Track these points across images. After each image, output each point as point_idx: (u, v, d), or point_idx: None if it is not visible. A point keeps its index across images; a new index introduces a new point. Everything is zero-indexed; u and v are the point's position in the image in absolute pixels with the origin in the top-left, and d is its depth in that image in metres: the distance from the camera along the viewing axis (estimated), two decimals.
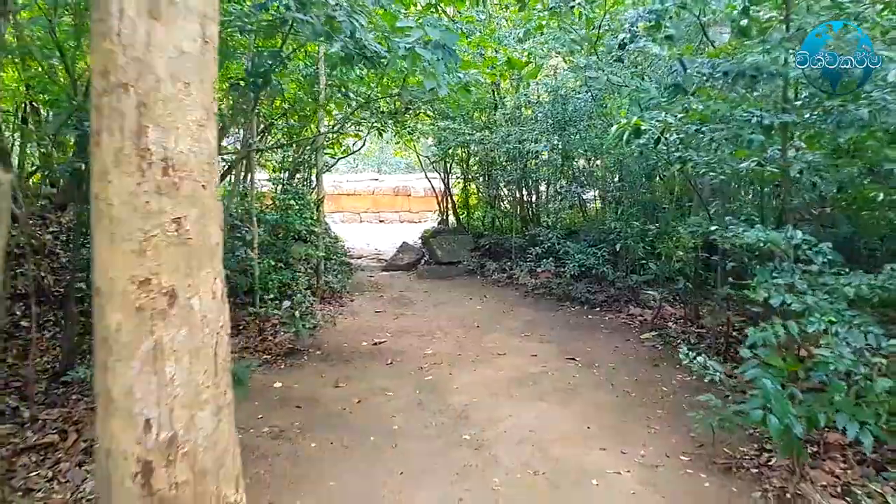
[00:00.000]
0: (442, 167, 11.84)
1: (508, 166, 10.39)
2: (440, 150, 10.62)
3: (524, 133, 9.24)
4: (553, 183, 10.31)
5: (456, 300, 8.65)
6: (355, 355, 6.08)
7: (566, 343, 6.46)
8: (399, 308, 8.21)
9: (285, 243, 7.93)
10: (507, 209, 10.90)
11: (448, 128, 9.29)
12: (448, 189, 12.05)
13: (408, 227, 17.59)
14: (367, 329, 7.10)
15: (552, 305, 8.18)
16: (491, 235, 10.66)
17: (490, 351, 6.19)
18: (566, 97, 8.65)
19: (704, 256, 6.37)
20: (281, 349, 6.17)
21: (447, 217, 12.46)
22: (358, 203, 19.59)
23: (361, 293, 9.09)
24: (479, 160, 11.26)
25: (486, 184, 11.20)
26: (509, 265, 9.82)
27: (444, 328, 7.13)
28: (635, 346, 6.30)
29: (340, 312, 7.88)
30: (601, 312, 7.75)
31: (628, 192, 7.94)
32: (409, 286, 9.69)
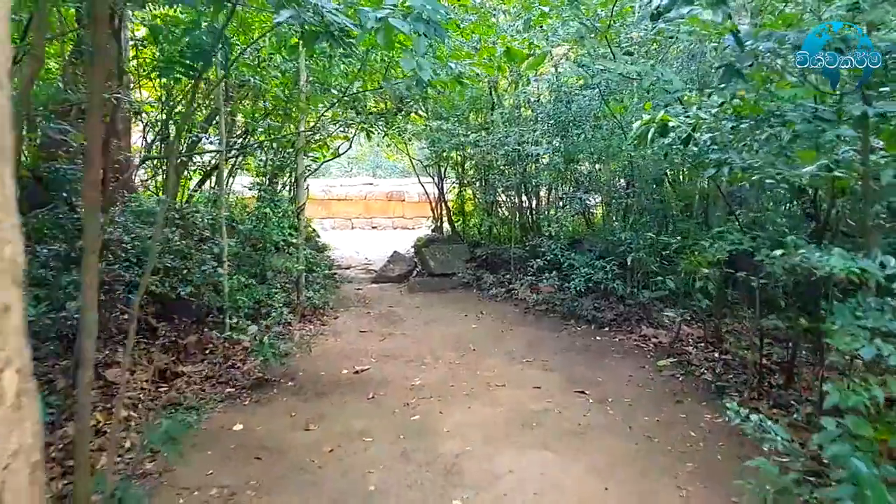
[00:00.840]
0: (436, 171, 11.08)
1: (507, 170, 9.65)
2: (433, 153, 9.87)
3: (523, 135, 8.51)
4: (555, 188, 9.57)
5: (449, 317, 7.89)
6: (333, 387, 5.31)
7: (573, 371, 5.70)
8: (386, 327, 7.45)
9: (262, 256, 7.17)
10: (505, 216, 10.15)
11: (441, 128, 8.54)
12: (442, 195, 11.30)
13: (401, 234, 16.82)
14: (349, 353, 6.33)
15: (556, 324, 7.42)
16: (488, 245, 9.90)
17: (486, 381, 5.42)
18: (570, 95, 7.91)
19: (728, 273, 5.62)
20: (248, 379, 5.40)
21: (441, 224, 11.71)
22: (350, 209, 18.80)
23: (347, 309, 8.32)
24: (476, 164, 10.52)
25: (483, 189, 10.46)
26: (508, 278, 9.07)
27: (435, 351, 6.37)
28: (652, 376, 5.54)
29: (322, 332, 7.11)
30: (610, 333, 6.99)
31: (638, 199, 7.19)
32: (399, 300, 8.92)
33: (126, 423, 4.46)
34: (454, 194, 11.66)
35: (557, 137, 8.39)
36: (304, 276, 7.73)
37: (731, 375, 5.30)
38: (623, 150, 7.20)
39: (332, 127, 10.72)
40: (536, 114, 9.10)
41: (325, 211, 18.25)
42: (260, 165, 9.50)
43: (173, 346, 6.18)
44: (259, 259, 7.09)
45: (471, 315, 7.97)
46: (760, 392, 4.80)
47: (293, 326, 7.19)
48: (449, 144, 8.64)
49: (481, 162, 9.82)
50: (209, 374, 5.54)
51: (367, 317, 7.94)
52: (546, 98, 8.93)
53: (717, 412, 4.61)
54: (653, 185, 7.39)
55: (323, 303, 7.76)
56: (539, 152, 8.04)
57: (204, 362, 5.92)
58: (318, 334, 7.02)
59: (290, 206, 7.36)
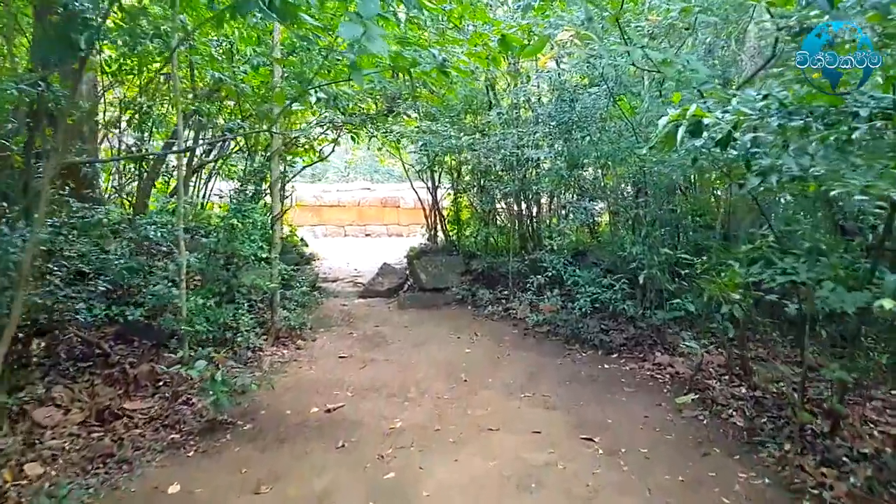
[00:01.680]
0: (429, 177, 10.31)
1: (504, 176, 8.89)
2: (424, 156, 9.09)
3: (522, 137, 7.75)
4: (557, 196, 8.81)
5: (441, 339, 7.11)
6: (298, 430, 4.53)
7: (579, 409, 4.92)
8: (370, 350, 6.67)
9: (233, 272, 6.41)
10: (503, 226, 9.36)
11: (430, 129, 7.77)
12: (436, 202, 10.53)
13: (395, 242, 16.06)
14: (323, 384, 5.56)
15: (558, 349, 6.63)
16: (484, 257, 9.12)
17: (478, 423, 4.64)
18: (574, 94, 7.15)
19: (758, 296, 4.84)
20: (199, 422, 4.63)
21: (435, 233, 10.93)
22: (343, 215, 18.02)
23: (329, 329, 7.55)
24: (472, 169, 9.75)
25: (480, 196, 9.69)
26: (506, 294, 8.29)
27: (421, 382, 5.59)
28: (671, 416, 4.75)
29: (296, 358, 6.34)
30: (620, 360, 6.21)
31: (652, 209, 6.41)
32: (386, 318, 8.14)
33: (38, 482, 3.69)
34: (450, 201, 10.91)
35: (560, 140, 7.63)
36: (279, 294, 6.96)
37: (766, 419, 4.51)
38: (634, 153, 6.44)
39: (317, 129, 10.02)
40: (536, 114, 8.35)
41: (316, 218, 17.50)
42: (238, 171, 8.80)
43: (122, 378, 5.42)
44: (227, 276, 6.33)
45: (464, 336, 7.19)
46: (803, 443, 4.01)
47: (264, 351, 6.43)
48: (440, 147, 7.88)
49: (477, 167, 9.05)
50: (155, 414, 4.77)
51: (349, 338, 7.16)
52: (547, 97, 8.17)
53: (754, 469, 3.83)
54: (666, 193, 6.62)
55: (300, 324, 6.99)
56: (539, 156, 7.28)
57: (154, 397, 5.16)
58: (292, 360, 6.25)
59: (262, 215, 6.59)
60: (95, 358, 5.77)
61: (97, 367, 5.59)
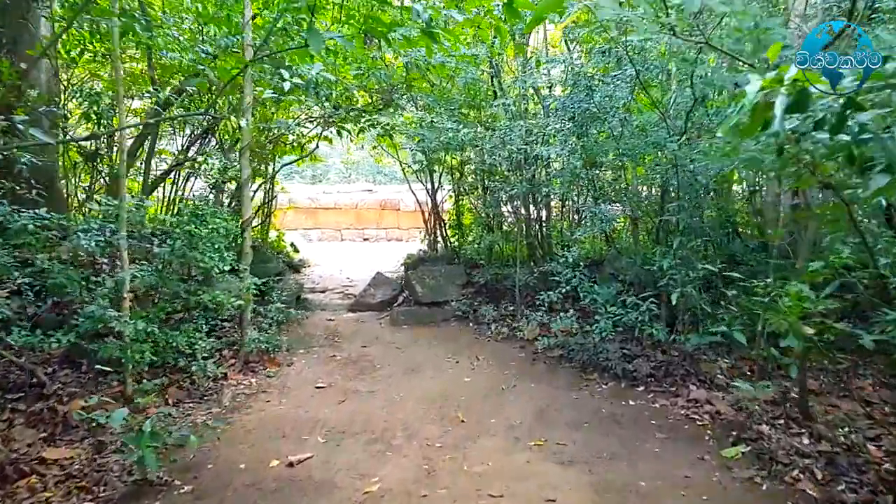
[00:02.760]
0: (427, 177, 9.35)
1: (511, 176, 7.94)
2: (421, 154, 8.14)
3: (532, 131, 6.80)
4: (570, 199, 7.85)
5: (436, 363, 6.16)
6: (247, 496, 3.59)
7: (602, 464, 3.97)
8: (353, 378, 5.73)
9: (192, 287, 5.49)
10: (509, 231, 8.39)
11: (423, 121, 6.83)
12: (436, 205, 9.57)
13: (394, 247, 15.11)
14: (292, 424, 4.62)
15: (573, 378, 5.67)
16: (488, 267, 8.13)
17: (477, 485, 3.69)
18: (593, 81, 6.19)
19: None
20: (125, 482, 3.69)
21: (435, 240, 9.98)
22: (339, 218, 17.05)
23: (309, 349, 6.62)
24: (475, 169, 8.81)
25: (483, 199, 8.74)
26: (512, 310, 7.32)
27: (410, 423, 4.65)
28: (719, 477, 3.78)
29: (264, 389, 5.40)
30: (647, 393, 5.24)
31: (685, 215, 5.44)
32: (376, 337, 7.20)
33: None
34: (451, 203, 9.96)
35: (574, 136, 6.68)
36: (250, 311, 6.04)
37: (843, 486, 3.53)
38: (664, 148, 5.49)
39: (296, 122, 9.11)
40: (545, 105, 7.40)
41: (311, 221, 16.56)
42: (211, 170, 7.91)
43: (51, 416, 4.51)
44: (186, 292, 5.41)
45: (463, 361, 6.24)
46: None
47: (229, 379, 5.50)
48: (437, 143, 6.92)
49: (481, 166, 8.11)
50: (77, 469, 3.84)
51: (331, 362, 6.22)
52: (560, 86, 7.22)
53: None
54: (701, 195, 5.66)
55: (273, 346, 6.05)
56: (551, 154, 6.31)
57: (84, 442, 4.24)
58: (260, 391, 5.32)
59: (227, 221, 5.67)
60: (29, 388, 4.88)
61: (26, 401, 4.69)
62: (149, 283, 5.11)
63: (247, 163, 6.02)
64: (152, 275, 5.14)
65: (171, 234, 5.32)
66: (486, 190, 8.89)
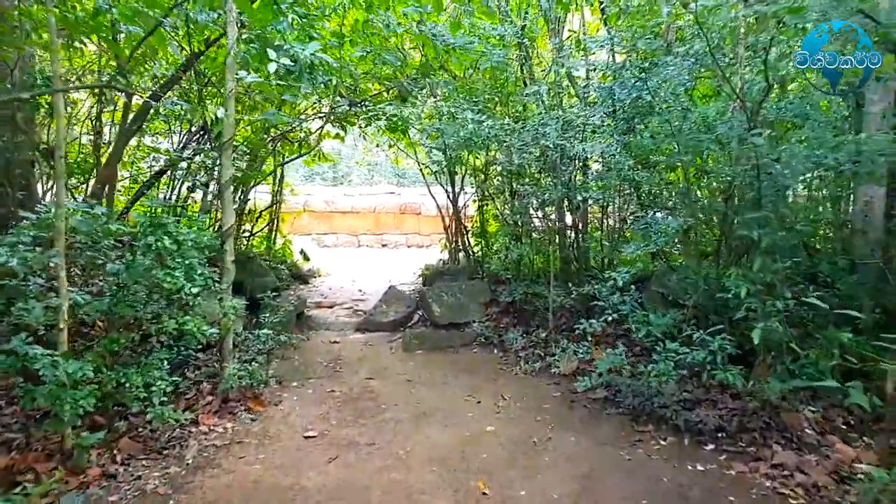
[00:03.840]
0: (448, 179, 8.29)
1: (543, 179, 6.87)
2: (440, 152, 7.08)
3: (573, 121, 5.69)
4: (614, 205, 6.72)
5: (453, 405, 5.10)
6: None
7: None
8: (351, 425, 4.71)
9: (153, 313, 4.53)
10: (539, 240, 7.28)
11: (440, 111, 5.78)
12: (457, 211, 8.51)
13: (414, 254, 14.09)
14: (264, 497, 3.61)
15: (622, 429, 4.55)
16: (516, 283, 7.02)
17: None
18: (646, 64, 5.08)
19: None
20: None
21: (456, 250, 8.92)
22: (357, 223, 16.05)
23: (304, 382, 5.62)
24: (501, 170, 7.74)
25: (511, 204, 7.66)
26: (544, 336, 6.22)
27: (415, 497, 3.61)
28: None
29: (241, 438, 4.41)
30: (718, 453, 4.10)
31: (771, 229, 4.28)
32: (384, 366, 6.17)
33: None
34: (475, 208, 8.89)
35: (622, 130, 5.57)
36: (231, 339, 5.07)
37: None
38: (740, 144, 4.36)
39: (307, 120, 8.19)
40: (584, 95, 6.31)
41: (326, 226, 15.62)
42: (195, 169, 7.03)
43: None
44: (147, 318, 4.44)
45: (486, 401, 5.17)
46: None
47: (200, 424, 4.53)
48: (456, 139, 5.84)
49: (508, 168, 7.03)
50: None
51: (327, 400, 5.21)
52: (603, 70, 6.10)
53: None
54: (784, 204, 4.51)
55: (258, 381, 5.06)
56: (595, 151, 5.20)
57: None
58: (234, 443, 4.33)
59: (202, 231, 4.70)
60: None
61: None
62: (98, 310, 4.15)
63: (228, 161, 5.04)
64: (103, 299, 4.19)
65: (131, 247, 4.37)
66: (514, 194, 7.81)
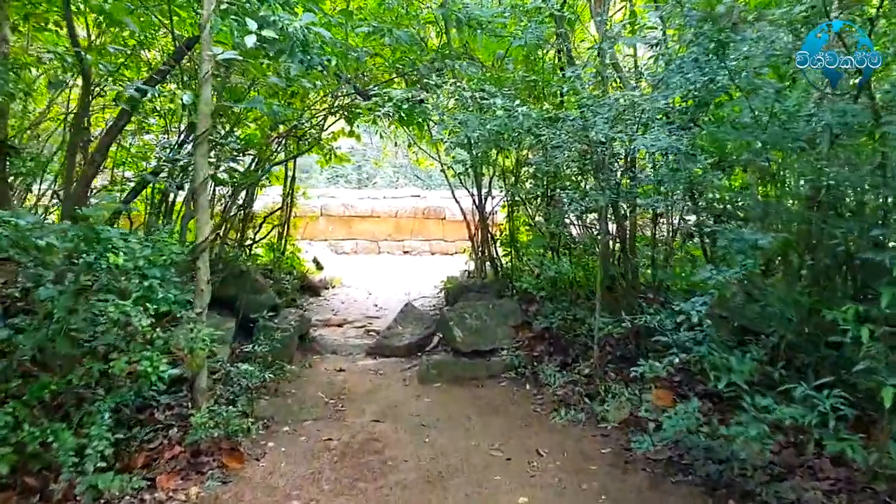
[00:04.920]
0: (473, 182, 7.25)
1: (585, 181, 5.82)
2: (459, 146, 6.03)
3: (630, 107, 4.61)
4: (672, 213, 5.61)
5: (476, 463, 4.08)
6: None
7: None
8: (346, 492, 3.71)
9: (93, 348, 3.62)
10: (581, 257, 6.20)
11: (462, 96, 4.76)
12: (483, 217, 7.47)
13: (438, 262, 13.08)
14: None
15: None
16: (552, 304, 5.95)
17: None
18: (724, 34, 3.98)
19: None
20: None
21: (482, 261, 7.89)
22: (377, 228, 15.09)
23: (296, 426, 4.65)
24: (535, 172, 6.69)
25: (546, 212, 6.60)
26: (588, 373, 5.13)
27: None
28: None
29: None
30: None
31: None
32: (396, 404, 5.17)
33: None
34: (504, 214, 7.84)
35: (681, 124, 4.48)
36: (205, 376, 4.14)
37: None
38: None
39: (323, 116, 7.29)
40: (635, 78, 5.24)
41: (345, 231, 14.72)
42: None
43: None
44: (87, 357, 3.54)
45: (519, 458, 4.13)
46: None
47: (158, 490, 3.59)
48: (483, 132, 4.78)
49: (543, 167, 5.98)
50: None
51: (322, 453, 4.23)
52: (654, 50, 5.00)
53: None
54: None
55: (234, 430, 4.10)
56: (657, 148, 4.09)
57: None
58: None
59: (165, 245, 3.78)
60: None
61: None
62: (24, 345, 3.25)
63: (204, 160, 4.11)
64: (33, 332, 3.29)
65: (70, 267, 3.46)
66: (551, 199, 6.75)
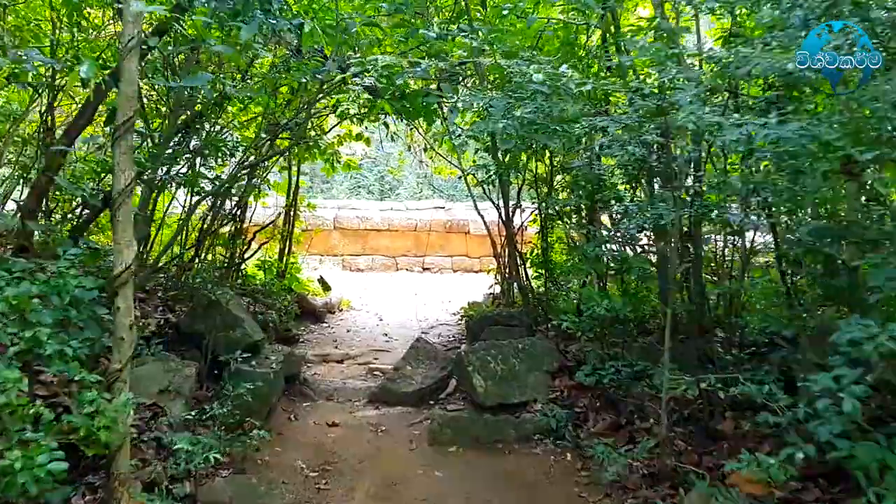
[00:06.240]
0: (498, 191, 6.06)
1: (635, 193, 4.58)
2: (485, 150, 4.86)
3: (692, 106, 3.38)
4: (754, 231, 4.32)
5: None
6: None
7: None
8: None
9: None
10: (635, 284, 4.95)
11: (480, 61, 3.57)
12: (511, 233, 6.26)
13: (461, 281, 11.88)
14: None
15: None
16: (598, 342, 4.71)
17: None
18: None
19: None
20: None
21: (510, 284, 6.67)
22: (394, 242, 13.94)
23: None
24: (573, 178, 5.49)
25: (586, 229, 5.37)
26: (652, 447, 3.84)
27: None
28: None
29: None
30: None
31: None
32: (397, 480, 3.96)
33: None
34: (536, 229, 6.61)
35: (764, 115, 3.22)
36: (124, 461, 3.01)
37: None
38: None
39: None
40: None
41: (359, 245, 13.62)
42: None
43: None
44: None
45: None
46: None
47: None
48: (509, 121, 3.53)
49: (586, 173, 4.76)
50: None
51: None
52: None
53: None
54: None
55: None
56: (770, 136, 2.84)
57: None
58: None
59: (63, 277, 2.68)
60: None
61: None
62: None
63: (127, 159, 3.01)
64: None
65: None
66: (592, 211, 5.52)
